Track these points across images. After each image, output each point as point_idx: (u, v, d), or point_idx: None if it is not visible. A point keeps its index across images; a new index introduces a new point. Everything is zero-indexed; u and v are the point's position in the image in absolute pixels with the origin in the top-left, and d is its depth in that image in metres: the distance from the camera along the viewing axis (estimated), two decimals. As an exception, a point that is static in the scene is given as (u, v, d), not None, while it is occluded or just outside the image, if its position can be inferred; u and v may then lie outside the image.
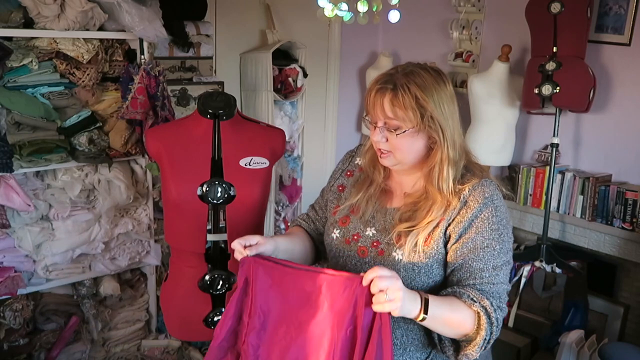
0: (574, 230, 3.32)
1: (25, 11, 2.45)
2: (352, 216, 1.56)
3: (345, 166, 1.68)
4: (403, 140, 1.42)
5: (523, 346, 2.99)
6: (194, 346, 3.03)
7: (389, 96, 1.40)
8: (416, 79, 1.40)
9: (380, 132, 1.44)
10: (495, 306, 1.36)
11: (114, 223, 2.81)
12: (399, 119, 1.40)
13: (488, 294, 1.37)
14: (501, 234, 1.41)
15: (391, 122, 1.42)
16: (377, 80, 1.45)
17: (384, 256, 1.47)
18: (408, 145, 1.43)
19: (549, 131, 3.23)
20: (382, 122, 1.43)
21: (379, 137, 1.44)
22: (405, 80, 1.40)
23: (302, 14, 3.72)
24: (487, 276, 1.39)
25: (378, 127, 1.44)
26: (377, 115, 1.43)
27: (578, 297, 3.11)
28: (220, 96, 2.08)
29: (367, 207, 1.54)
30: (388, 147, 1.45)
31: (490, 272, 1.39)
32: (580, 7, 3.00)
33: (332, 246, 1.57)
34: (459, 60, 3.80)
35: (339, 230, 1.56)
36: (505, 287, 1.42)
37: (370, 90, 1.45)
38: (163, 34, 2.72)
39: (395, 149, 1.44)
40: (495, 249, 1.40)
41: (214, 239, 2.08)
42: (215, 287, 2.04)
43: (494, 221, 1.41)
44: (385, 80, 1.42)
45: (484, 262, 1.39)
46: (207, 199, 1.93)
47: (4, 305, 2.62)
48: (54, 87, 2.61)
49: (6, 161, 2.43)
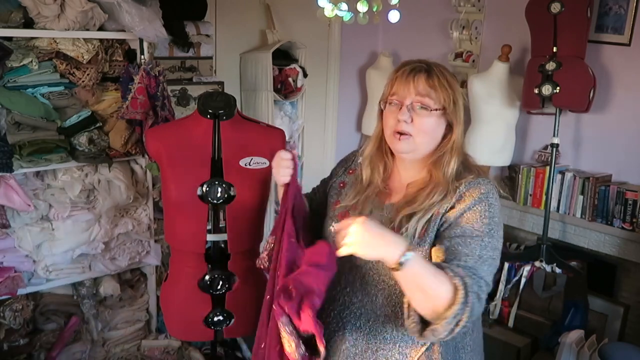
0: (574, 230, 3.32)
1: (25, 11, 2.45)
2: (351, 212, 1.57)
3: (348, 164, 1.71)
4: (430, 120, 1.45)
5: (523, 346, 3.00)
6: (194, 346, 3.03)
7: (424, 75, 1.44)
8: (442, 67, 1.49)
9: (408, 111, 1.45)
10: (475, 290, 1.29)
11: (114, 223, 2.80)
12: (432, 98, 1.44)
13: (472, 272, 1.32)
14: (492, 229, 1.40)
15: (423, 100, 1.44)
16: (405, 64, 1.49)
17: None
18: (432, 128, 1.46)
19: (549, 131, 3.23)
20: (410, 100, 1.45)
21: (406, 117, 1.45)
22: (436, 65, 1.47)
23: (302, 14, 3.72)
24: (472, 263, 1.35)
25: (405, 105, 1.45)
26: (407, 93, 1.45)
27: (578, 297, 3.11)
28: (220, 96, 2.08)
29: (365, 207, 1.56)
30: (410, 129, 1.45)
31: (476, 260, 1.35)
32: (580, 7, 3.00)
33: (329, 239, 1.57)
34: (459, 60, 3.80)
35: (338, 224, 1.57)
36: (488, 281, 1.36)
37: (399, 72, 1.48)
38: (163, 34, 2.71)
39: (418, 131, 1.46)
40: (483, 240, 1.38)
41: (214, 239, 2.08)
42: (215, 287, 2.04)
43: (487, 215, 1.41)
44: (416, 64, 1.47)
45: (470, 249, 1.36)
46: (207, 199, 1.93)
47: (4, 305, 2.62)
48: (54, 87, 2.61)
49: (6, 161, 2.42)
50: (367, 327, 1.52)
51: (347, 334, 1.54)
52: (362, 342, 1.52)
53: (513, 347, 2.98)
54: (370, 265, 1.51)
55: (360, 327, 1.53)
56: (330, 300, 1.55)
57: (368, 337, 1.52)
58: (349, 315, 1.54)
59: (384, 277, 1.49)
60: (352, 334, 1.53)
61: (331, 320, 1.56)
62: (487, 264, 1.37)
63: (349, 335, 1.54)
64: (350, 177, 1.66)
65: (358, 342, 1.53)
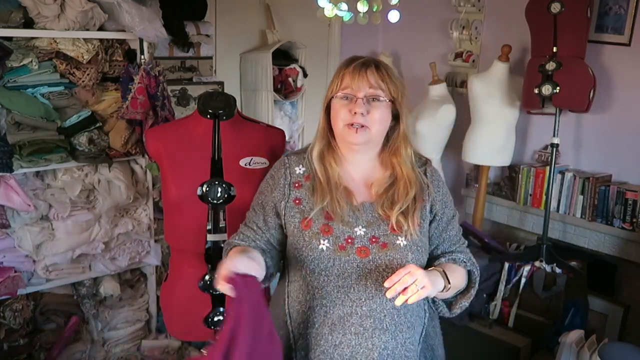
0: (574, 230, 3.32)
1: (25, 11, 2.45)
2: (331, 223, 1.53)
3: (288, 180, 1.61)
4: (382, 110, 1.53)
5: (523, 346, 2.99)
6: (194, 346, 3.03)
7: (373, 69, 1.53)
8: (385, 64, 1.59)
9: (364, 104, 1.51)
10: (475, 266, 1.64)
11: (114, 223, 2.80)
12: (382, 89, 1.53)
13: (466, 253, 1.65)
14: (451, 201, 1.68)
15: (376, 92, 1.52)
16: (352, 59, 1.56)
17: (388, 248, 1.50)
18: (385, 117, 1.55)
19: (549, 131, 3.23)
20: (363, 93, 1.52)
21: (363, 109, 1.51)
22: (378, 60, 1.57)
23: (302, 14, 3.72)
24: (459, 239, 1.67)
25: (359, 98, 1.51)
26: (360, 87, 1.51)
27: (578, 297, 3.10)
28: (220, 96, 2.08)
29: (342, 208, 1.53)
30: (366, 120, 1.52)
31: (459, 235, 1.68)
32: (580, 7, 3.00)
33: (323, 258, 1.52)
34: (459, 60, 3.80)
35: (327, 240, 1.52)
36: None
37: (348, 66, 1.54)
38: (163, 34, 2.72)
39: (374, 122, 1.53)
40: (455, 216, 1.67)
41: (214, 239, 2.08)
42: (215, 287, 2.03)
43: (449, 194, 1.68)
44: (365, 59, 1.55)
45: (456, 229, 1.66)
46: (207, 199, 1.93)
47: (4, 305, 2.62)
48: (54, 87, 2.61)
49: (6, 161, 2.43)
50: (392, 325, 1.53)
51: (375, 340, 1.52)
52: (392, 341, 1.53)
53: (513, 347, 2.98)
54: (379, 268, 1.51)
55: (387, 328, 1.53)
56: (347, 315, 1.52)
57: (395, 334, 1.54)
58: (374, 322, 1.52)
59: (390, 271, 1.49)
60: (381, 337, 1.52)
61: (355, 332, 1.53)
62: (461, 231, 1.70)
63: (378, 340, 1.52)
64: (301, 190, 1.59)
65: (388, 342, 1.53)
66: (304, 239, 1.54)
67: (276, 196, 1.61)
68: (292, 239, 1.57)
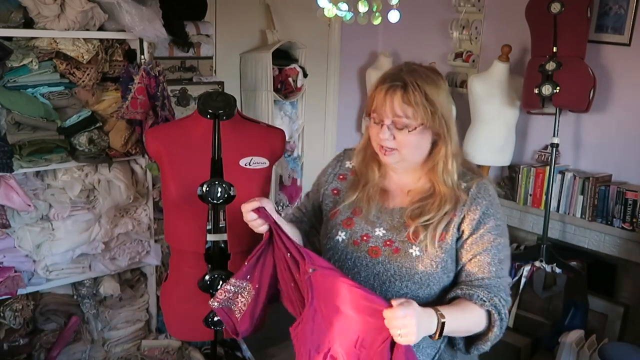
0: (574, 230, 3.32)
1: (25, 11, 2.45)
2: (356, 218, 1.55)
3: (336, 170, 1.67)
4: (412, 137, 1.45)
5: (523, 346, 3.00)
6: (194, 346, 3.03)
7: (399, 94, 1.42)
8: (422, 76, 1.44)
9: (389, 130, 1.45)
10: (504, 301, 1.42)
11: (114, 223, 2.80)
12: (409, 117, 1.43)
13: (497, 289, 1.43)
14: (503, 229, 1.50)
15: (400, 121, 1.43)
16: (384, 79, 1.47)
17: (399, 254, 1.48)
18: (416, 142, 1.46)
19: (549, 131, 3.23)
20: (389, 120, 1.45)
21: (387, 135, 1.45)
22: (413, 77, 1.43)
23: (302, 14, 3.72)
24: (495, 270, 1.45)
25: (385, 124, 1.45)
26: (385, 114, 1.44)
27: (578, 297, 3.11)
28: (220, 96, 2.08)
29: (370, 207, 1.54)
30: (394, 144, 1.46)
31: (497, 266, 1.45)
32: (580, 7, 3.00)
33: (338, 249, 1.55)
34: (459, 60, 3.80)
35: (345, 232, 1.55)
36: (509, 280, 1.50)
37: (377, 89, 1.47)
38: (163, 34, 2.71)
39: (402, 146, 1.46)
40: (500, 243, 1.47)
41: (214, 239, 2.08)
42: (215, 287, 2.04)
43: (498, 217, 1.50)
44: (393, 79, 1.44)
45: (491, 257, 1.45)
46: (207, 199, 1.93)
47: (4, 305, 2.62)
48: (54, 87, 2.61)
49: (6, 161, 2.42)
50: None
51: None
52: None
53: (513, 347, 2.98)
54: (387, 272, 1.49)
55: None
56: None
57: None
58: None
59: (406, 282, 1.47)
60: None
61: None
62: (505, 264, 1.48)
63: None
64: (343, 182, 1.64)
65: None
66: (327, 227, 1.59)
67: (321, 184, 1.68)
68: (322, 227, 1.63)
